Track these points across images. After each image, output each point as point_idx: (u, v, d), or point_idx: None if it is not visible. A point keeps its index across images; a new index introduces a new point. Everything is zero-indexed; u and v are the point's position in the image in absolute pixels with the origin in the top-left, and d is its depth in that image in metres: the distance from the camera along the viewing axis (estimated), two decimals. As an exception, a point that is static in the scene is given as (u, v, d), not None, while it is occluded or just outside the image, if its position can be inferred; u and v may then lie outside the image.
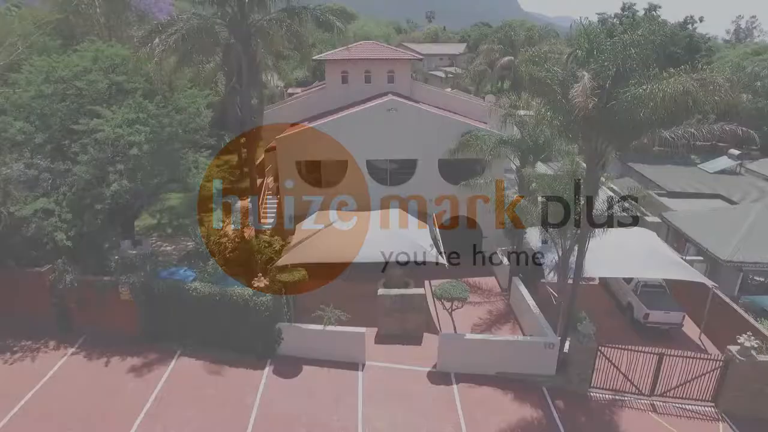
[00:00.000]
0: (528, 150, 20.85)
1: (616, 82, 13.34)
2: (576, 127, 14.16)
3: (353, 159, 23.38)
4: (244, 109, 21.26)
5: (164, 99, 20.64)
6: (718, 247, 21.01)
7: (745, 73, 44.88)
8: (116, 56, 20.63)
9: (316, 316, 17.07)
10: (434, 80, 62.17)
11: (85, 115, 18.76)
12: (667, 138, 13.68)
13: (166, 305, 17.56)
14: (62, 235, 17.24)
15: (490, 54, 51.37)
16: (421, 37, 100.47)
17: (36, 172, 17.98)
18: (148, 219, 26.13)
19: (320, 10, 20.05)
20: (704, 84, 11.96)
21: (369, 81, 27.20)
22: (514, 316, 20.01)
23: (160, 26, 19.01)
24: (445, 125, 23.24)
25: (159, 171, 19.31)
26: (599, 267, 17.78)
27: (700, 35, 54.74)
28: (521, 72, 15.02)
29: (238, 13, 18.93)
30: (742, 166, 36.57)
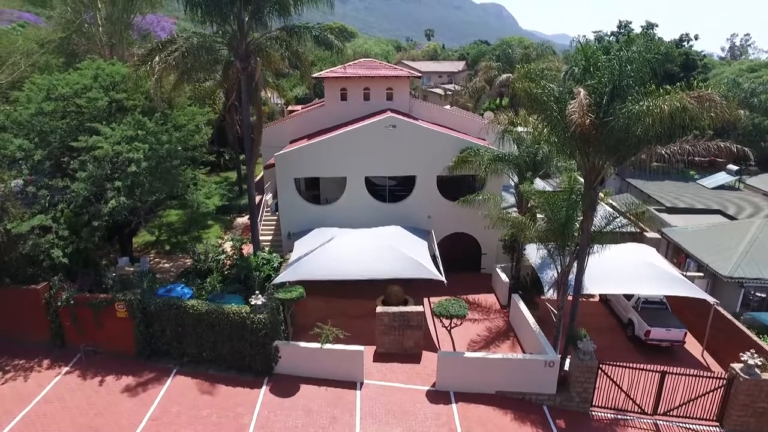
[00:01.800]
0: (526, 166, 20.89)
1: (612, 98, 13.42)
2: (573, 143, 14.19)
3: (352, 175, 23.41)
4: (244, 126, 21.37)
5: (163, 116, 20.76)
6: (719, 263, 20.93)
7: (742, 89, 45.36)
8: (117, 74, 20.82)
9: (313, 334, 16.90)
10: (433, 97, 62.64)
11: (84, 132, 18.87)
12: (664, 154, 13.69)
13: (163, 323, 17.40)
14: (59, 252, 17.21)
15: (488, 71, 51.84)
16: (420, 55, 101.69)
17: (34, 189, 18.01)
18: (146, 236, 26.14)
19: (319, 29, 20.28)
20: (701, 101, 12.01)
21: (368, 98, 27.40)
22: (514, 334, 19.82)
23: (160, 45, 19.27)
24: (444, 142, 23.33)
25: (157, 188, 19.32)
26: (599, 283, 17.69)
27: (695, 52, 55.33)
28: (517, 89, 15.09)
29: (237, 31, 19.16)
30: (740, 182, 36.67)
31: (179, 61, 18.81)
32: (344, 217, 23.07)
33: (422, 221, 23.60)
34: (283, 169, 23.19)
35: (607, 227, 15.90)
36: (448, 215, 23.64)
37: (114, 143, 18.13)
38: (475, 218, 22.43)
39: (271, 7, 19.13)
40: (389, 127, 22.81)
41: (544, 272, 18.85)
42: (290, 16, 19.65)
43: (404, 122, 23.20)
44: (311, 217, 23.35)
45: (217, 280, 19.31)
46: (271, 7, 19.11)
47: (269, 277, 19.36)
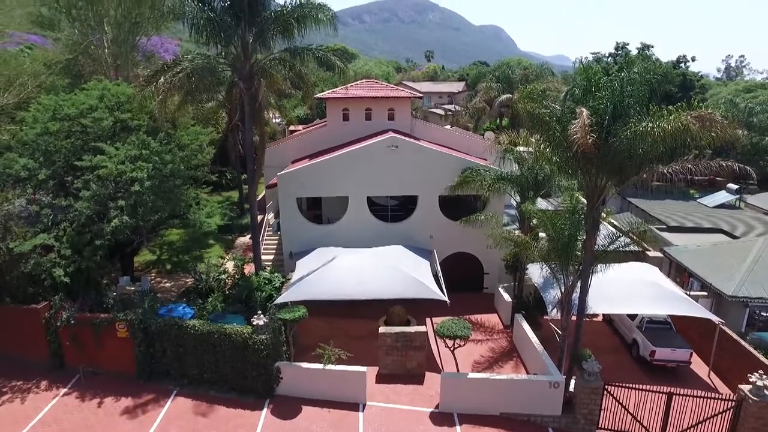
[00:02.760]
0: (528, 186, 20.96)
1: (614, 119, 13.54)
2: (575, 163, 14.27)
3: (354, 195, 23.47)
4: (246, 146, 21.51)
5: (167, 136, 20.92)
6: (723, 282, 20.83)
7: (739, 109, 45.82)
8: (122, 94, 21.04)
9: (315, 355, 16.73)
10: (434, 117, 63.20)
11: (89, 151, 18.99)
12: (665, 173, 13.76)
13: (164, 343, 17.25)
14: (60, 271, 17.16)
15: (488, 92, 52.36)
16: (420, 76, 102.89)
17: (37, 208, 18.06)
18: (148, 255, 26.11)
19: (322, 50, 20.58)
20: (702, 120, 12.12)
21: (369, 118, 27.63)
22: (518, 354, 19.62)
23: (165, 66, 19.53)
24: (446, 162, 23.45)
25: (160, 207, 19.36)
26: (602, 303, 17.58)
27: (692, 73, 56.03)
28: (518, 109, 15.24)
29: (241, 53, 19.43)
30: (741, 200, 36.73)
31: (183, 82, 19.07)
32: (346, 236, 23.05)
33: (424, 241, 23.57)
34: (285, 188, 23.26)
35: (610, 246, 15.88)
36: (450, 235, 23.62)
37: (118, 163, 18.24)
38: (477, 238, 22.42)
39: (275, 30, 19.44)
40: (391, 147, 22.96)
41: (547, 292, 18.75)
42: (293, 38, 19.95)
43: (406, 142, 23.36)
44: (313, 236, 23.33)
45: (219, 299, 19.21)
46: (275, 29, 19.42)
47: (271, 297, 19.25)
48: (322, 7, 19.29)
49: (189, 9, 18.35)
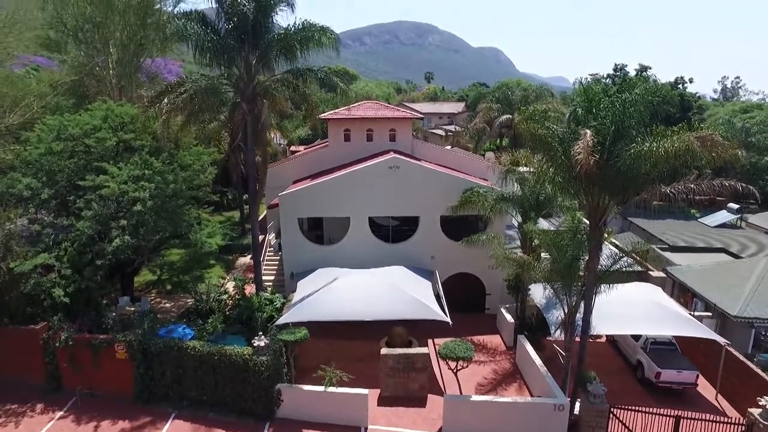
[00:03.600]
0: (529, 206, 20.98)
1: (615, 139, 13.63)
2: (577, 183, 14.32)
3: (356, 216, 23.47)
4: (248, 166, 21.60)
5: (170, 156, 21.02)
6: (727, 303, 20.66)
7: (737, 129, 46.20)
8: (125, 115, 21.21)
9: (316, 377, 16.51)
10: (434, 138, 63.62)
11: (91, 171, 19.05)
12: (667, 193, 13.80)
13: (163, 364, 17.03)
14: (60, 291, 17.05)
15: (488, 112, 52.81)
16: (420, 97, 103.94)
17: (39, 228, 18.04)
18: (148, 275, 25.97)
19: (324, 72, 20.83)
20: (703, 141, 12.21)
21: (371, 139, 27.80)
22: (521, 376, 19.36)
23: (169, 87, 19.75)
24: (447, 182, 23.52)
25: (161, 227, 19.34)
26: (606, 324, 17.41)
27: (690, 94, 56.63)
28: (521, 130, 15.37)
29: (244, 74, 19.66)
30: (742, 220, 36.72)
31: (186, 102, 19.25)
32: (347, 257, 22.96)
33: (426, 261, 23.49)
34: (286, 208, 23.28)
35: (612, 267, 15.82)
36: (451, 255, 23.55)
37: (120, 182, 18.29)
38: (479, 258, 22.33)
39: (277, 51, 19.70)
40: (392, 168, 23.04)
41: (550, 312, 18.60)
42: (296, 59, 20.20)
43: (407, 163, 23.46)
44: (314, 257, 23.25)
45: (219, 320, 19.04)
46: (278, 51, 19.68)
47: (272, 318, 19.09)
48: (324, 30, 19.60)
49: (193, 31, 18.64)
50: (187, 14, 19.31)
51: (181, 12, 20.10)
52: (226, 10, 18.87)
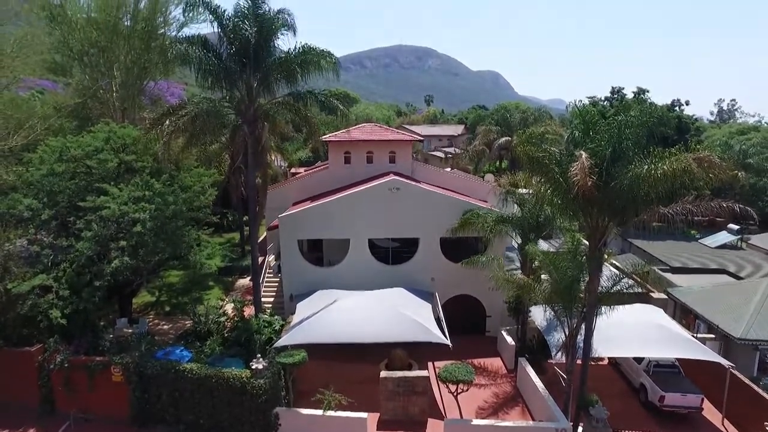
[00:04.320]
0: (529, 228, 20.98)
1: (613, 161, 13.73)
2: (576, 204, 14.37)
3: (355, 237, 23.47)
4: (248, 188, 21.70)
5: (171, 177, 21.14)
6: (730, 324, 20.47)
7: (734, 151, 46.51)
8: (128, 136, 21.41)
9: (315, 401, 16.29)
10: (434, 160, 63.96)
11: (92, 192, 19.14)
12: (666, 214, 13.84)
13: (160, 387, 16.81)
14: (57, 313, 16.92)
15: (487, 135, 53.30)
16: (420, 120, 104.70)
17: (38, 248, 18.02)
18: (147, 296, 25.86)
19: (324, 95, 21.09)
20: (701, 162, 12.30)
21: (371, 161, 27.97)
22: (522, 399, 19.08)
23: (171, 109, 19.98)
24: (447, 204, 23.58)
25: (161, 248, 19.33)
26: (608, 346, 17.23)
27: (687, 116, 57.09)
28: (518, 152, 15.50)
29: (246, 96, 19.91)
30: (743, 241, 36.66)
31: (188, 125, 19.45)
32: (347, 279, 22.87)
33: (426, 283, 23.39)
34: (286, 230, 23.29)
35: (613, 288, 15.75)
36: (451, 277, 23.46)
37: (121, 203, 18.35)
38: (478, 280, 22.22)
39: (279, 75, 19.97)
40: (392, 190, 23.14)
41: (551, 335, 18.45)
42: (297, 82, 20.48)
43: (407, 185, 23.57)
44: (314, 279, 23.16)
45: (217, 342, 18.88)
46: (279, 74, 19.96)
47: (270, 341, 18.94)
48: (325, 53, 19.91)
49: (195, 55, 18.95)
50: (190, 39, 19.66)
51: (184, 37, 20.46)
52: (228, 34, 19.23)
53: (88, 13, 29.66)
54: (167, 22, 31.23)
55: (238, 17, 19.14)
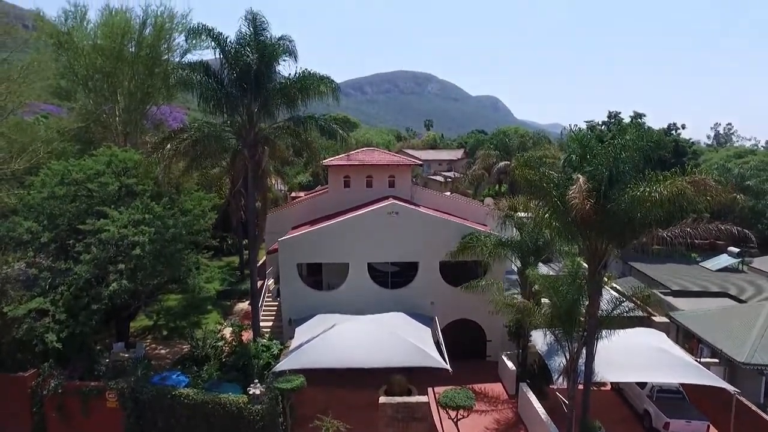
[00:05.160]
0: (528, 251, 20.95)
1: (610, 184, 13.83)
2: (575, 228, 14.41)
3: (355, 261, 23.42)
4: (248, 212, 21.78)
5: (171, 201, 21.22)
6: (734, 349, 20.19)
7: (733, 174, 46.78)
8: (129, 160, 21.58)
9: (314, 426, 16.03)
10: (434, 184, 64.33)
11: (92, 215, 19.18)
12: (665, 237, 13.85)
13: (155, 413, 16.54)
14: (53, 337, 16.69)
15: (486, 159, 53.61)
16: (420, 144, 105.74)
17: (36, 271, 17.95)
18: (144, 320, 25.63)
19: (324, 120, 21.35)
20: (697, 185, 12.38)
21: (370, 185, 28.11)
22: (524, 426, 18.73)
23: (172, 133, 20.23)
24: (446, 228, 23.59)
25: (160, 271, 19.29)
26: (610, 371, 17.01)
27: (684, 140, 57.67)
28: (517, 176, 15.62)
29: (246, 121, 20.16)
30: (744, 264, 36.51)
31: (189, 149, 19.68)
32: (346, 303, 22.70)
33: (425, 307, 23.22)
34: (286, 254, 23.26)
35: (614, 311, 15.65)
36: (451, 301, 23.30)
37: (121, 226, 18.38)
38: (478, 304, 22.02)
39: (279, 100, 20.27)
40: (392, 214, 23.19)
41: (552, 359, 18.23)
42: (297, 107, 20.76)
43: (406, 209, 23.63)
44: (313, 303, 23.00)
45: (215, 367, 18.68)
46: (279, 99, 20.26)
47: (268, 365, 18.73)
48: (324, 79, 20.25)
49: (197, 81, 19.29)
50: (192, 65, 20.05)
51: (187, 63, 20.86)
52: (230, 60, 19.60)
53: (94, 39, 30.33)
54: (171, 49, 31.91)
55: (239, 44, 19.55)
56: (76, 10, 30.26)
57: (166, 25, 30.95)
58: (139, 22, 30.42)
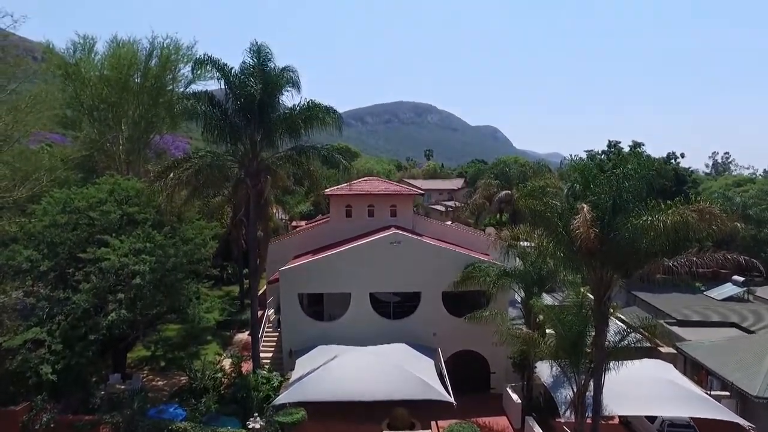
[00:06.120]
0: (532, 281, 20.74)
1: (614, 213, 13.78)
2: (579, 257, 14.28)
3: (356, 291, 23.17)
4: (249, 241, 21.69)
5: (172, 229, 21.13)
6: (746, 381, 19.72)
7: (734, 203, 46.80)
8: (131, 189, 21.61)
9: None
10: (435, 214, 64.34)
11: (93, 243, 19.07)
12: (669, 266, 13.71)
13: (150, 449, 16.08)
14: (48, 368, 16.34)
15: (487, 188, 53.64)
16: (420, 174, 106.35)
17: (34, 301, 17.71)
18: (142, 351, 25.22)
19: (327, 149, 21.47)
20: (701, 214, 12.32)
21: (372, 215, 28.08)
22: (532, 462, 18.17)
23: (176, 162, 20.32)
24: (448, 258, 23.43)
25: (159, 301, 19.06)
26: (619, 403, 16.60)
27: (683, 169, 57.95)
28: (521, 205, 15.60)
29: (249, 150, 20.27)
30: (749, 293, 36.13)
31: (192, 177, 19.72)
32: (348, 334, 22.35)
33: (428, 338, 22.85)
34: (287, 284, 23.03)
35: (621, 342, 15.38)
36: (454, 332, 22.95)
37: (121, 255, 18.24)
38: (482, 335, 21.72)
39: (282, 130, 20.45)
40: (393, 243, 23.08)
41: (558, 391, 17.83)
42: (300, 137, 20.92)
43: (408, 238, 23.54)
44: (314, 333, 22.65)
45: (213, 400, 18.23)
46: (282, 129, 20.44)
47: (268, 398, 18.33)
48: (328, 110, 20.49)
49: (201, 111, 19.51)
50: (197, 95, 20.30)
51: (191, 92, 21.13)
52: (234, 91, 19.86)
53: (101, 70, 30.84)
54: (176, 79, 32.43)
55: (244, 74, 19.85)
56: (85, 42, 30.91)
57: (171, 56, 31.54)
58: (146, 53, 31.02)
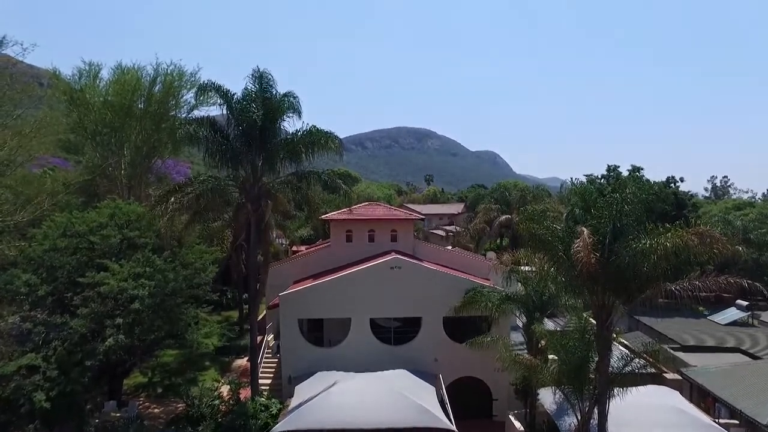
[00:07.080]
0: (534, 306, 20.57)
1: (615, 237, 13.76)
2: (580, 281, 14.20)
3: (357, 317, 22.97)
4: (250, 266, 21.62)
5: (172, 254, 21.09)
6: (755, 409, 19.27)
7: (735, 226, 46.79)
8: (132, 213, 21.65)
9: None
10: (435, 238, 64.26)
11: (93, 268, 18.99)
12: (672, 290, 13.60)
13: (144, 480, 15.67)
14: (41, 396, 16.01)
15: (487, 213, 53.81)
16: (420, 198, 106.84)
17: (30, 326, 17.49)
18: (139, 377, 24.87)
19: (327, 174, 21.62)
20: (702, 237, 12.30)
21: (372, 240, 28.02)
22: (536, 494, 17.69)
23: (177, 187, 20.42)
24: (449, 283, 23.28)
25: (158, 326, 18.89)
26: (624, 432, 16.21)
27: (683, 192, 58.18)
28: (521, 230, 15.60)
29: (250, 175, 20.38)
30: (753, 317, 35.80)
31: (192, 202, 19.79)
32: (348, 360, 22.03)
33: (429, 364, 22.51)
34: (286, 309, 22.82)
35: (625, 368, 15.15)
36: (455, 358, 22.60)
37: (120, 280, 18.15)
38: (484, 361, 21.40)
39: (283, 155, 20.61)
40: (394, 268, 22.98)
41: (562, 419, 17.46)
42: (301, 162, 21.06)
43: (409, 263, 23.45)
44: (313, 359, 22.33)
45: (210, 428, 17.94)
46: (283, 154, 20.60)
47: (267, 426, 17.98)
48: (329, 135, 20.68)
49: (203, 136, 19.70)
50: (199, 120, 20.55)
51: (193, 118, 21.40)
52: (236, 116, 20.10)
53: (106, 96, 31.31)
54: (178, 105, 32.93)
55: (246, 100, 20.12)
56: (90, 68, 31.48)
57: (175, 82, 32.07)
58: (149, 79, 31.55)
